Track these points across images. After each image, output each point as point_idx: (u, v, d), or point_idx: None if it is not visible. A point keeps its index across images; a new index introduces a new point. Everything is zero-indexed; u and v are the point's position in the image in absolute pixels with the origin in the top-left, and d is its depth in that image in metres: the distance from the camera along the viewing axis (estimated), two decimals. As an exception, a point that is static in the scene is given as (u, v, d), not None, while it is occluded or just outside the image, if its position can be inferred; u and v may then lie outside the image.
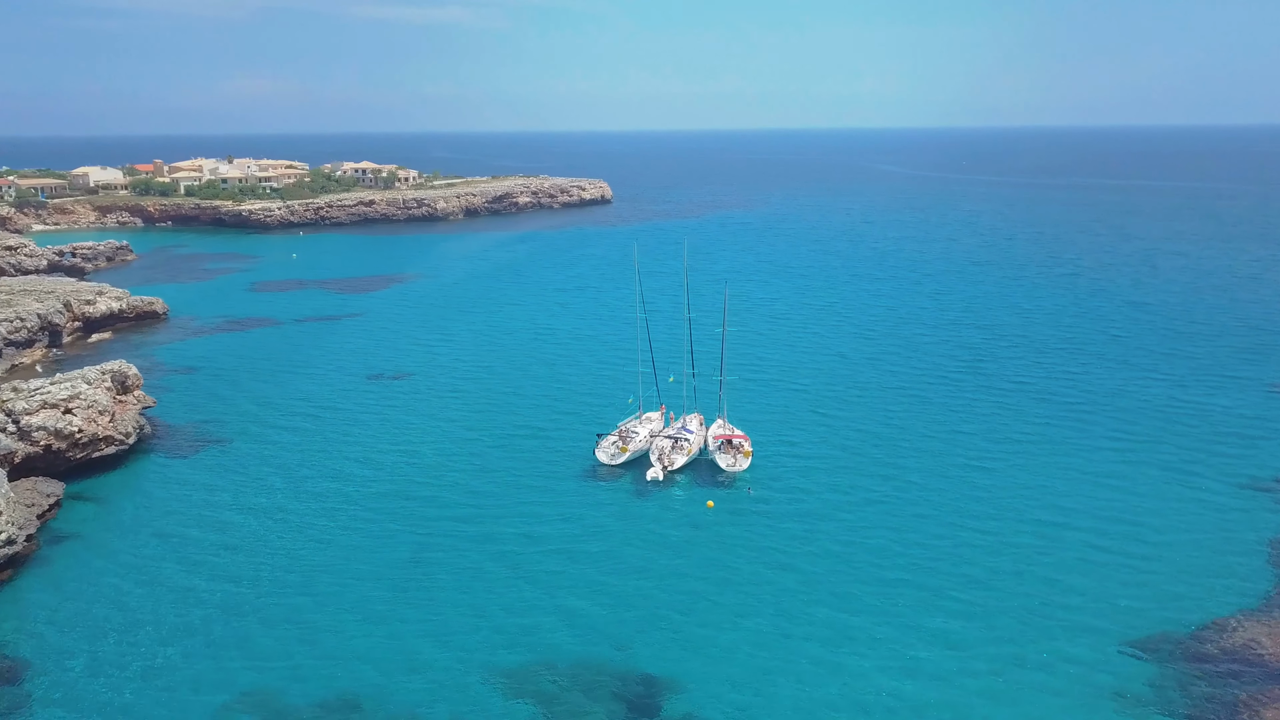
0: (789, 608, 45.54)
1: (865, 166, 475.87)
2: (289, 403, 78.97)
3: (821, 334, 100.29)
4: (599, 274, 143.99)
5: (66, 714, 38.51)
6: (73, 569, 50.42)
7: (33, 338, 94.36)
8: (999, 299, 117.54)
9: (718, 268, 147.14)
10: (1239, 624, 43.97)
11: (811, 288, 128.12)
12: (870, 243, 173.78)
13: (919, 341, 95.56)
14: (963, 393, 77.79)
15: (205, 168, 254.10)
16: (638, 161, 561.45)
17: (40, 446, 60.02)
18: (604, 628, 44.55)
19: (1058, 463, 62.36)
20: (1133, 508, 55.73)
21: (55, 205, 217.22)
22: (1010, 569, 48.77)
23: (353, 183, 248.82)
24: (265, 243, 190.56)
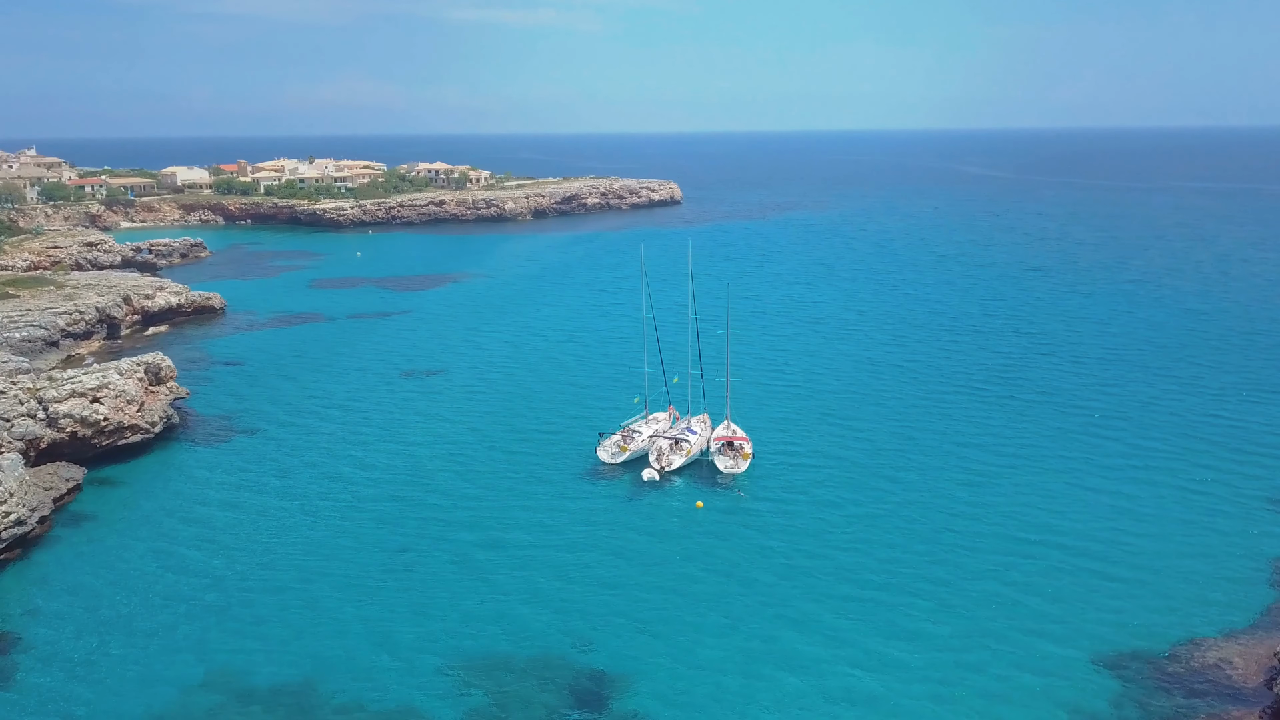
0: (749, 616, 45.26)
1: (946, 168, 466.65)
2: (319, 396, 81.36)
3: (855, 339, 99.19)
4: (648, 275, 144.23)
5: (48, 684, 40.54)
6: (81, 550, 52.96)
7: (90, 330, 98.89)
8: (1050, 306, 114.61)
9: (770, 270, 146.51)
10: (1216, 644, 42.49)
11: (858, 291, 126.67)
12: (932, 246, 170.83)
13: (954, 348, 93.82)
14: (984, 402, 76.20)
15: (286, 168, 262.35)
16: (716, 162, 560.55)
17: (66, 433, 63.09)
18: (567, 625, 45.08)
19: (1066, 478, 60.63)
20: (1134, 525, 53.97)
21: (142, 203, 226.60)
22: (987, 585, 47.70)
23: (425, 183, 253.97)
24: (335, 241, 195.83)
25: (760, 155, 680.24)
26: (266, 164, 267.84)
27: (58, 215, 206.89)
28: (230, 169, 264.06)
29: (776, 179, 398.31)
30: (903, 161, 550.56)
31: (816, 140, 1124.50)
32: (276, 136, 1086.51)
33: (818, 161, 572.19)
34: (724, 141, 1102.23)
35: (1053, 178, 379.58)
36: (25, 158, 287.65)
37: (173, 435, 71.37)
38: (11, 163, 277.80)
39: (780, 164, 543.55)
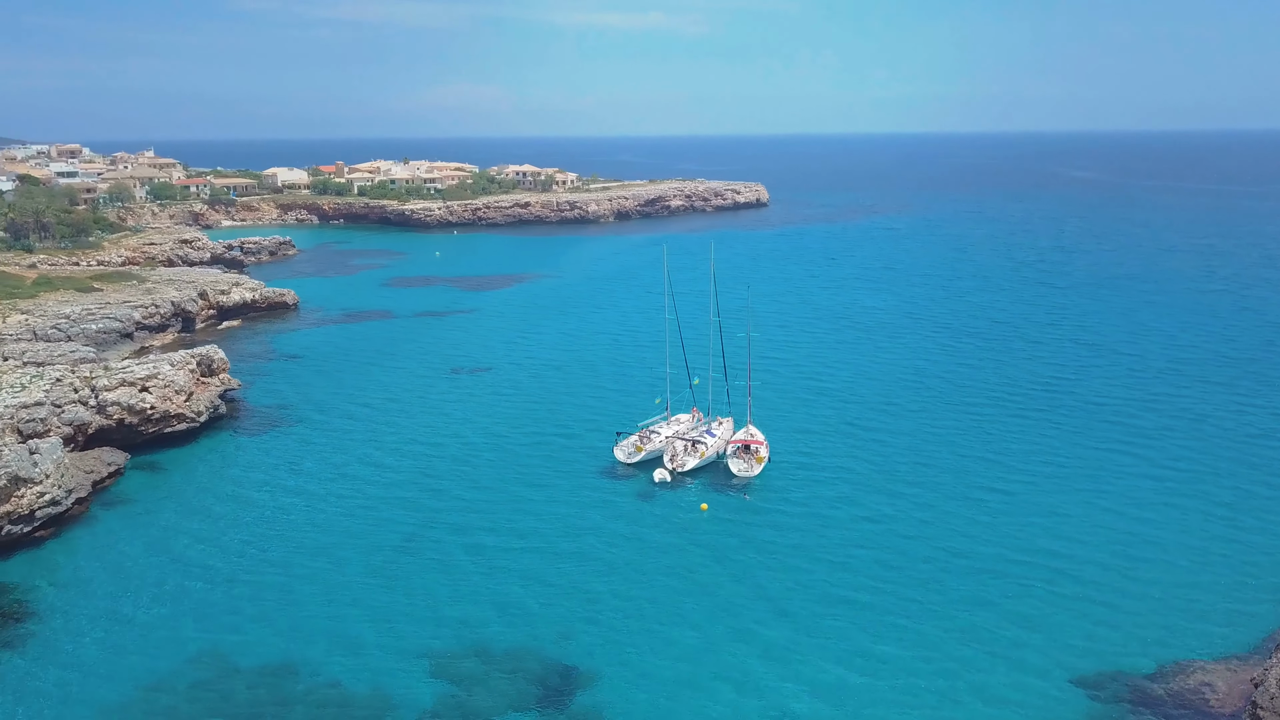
0: (719, 625, 45.14)
1: (1048, 171, 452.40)
2: (364, 391, 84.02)
3: (904, 347, 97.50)
4: (721, 278, 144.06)
5: (57, 651, 43.23)
6: (112, 530, 56.06)
7: (165, 323, 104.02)
8: (1122, 316, 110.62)
9: (836, 274, 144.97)
10: (1202, 668, 40.95)
11: (920, 298, 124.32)
12: (1011, 252, 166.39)
13: (1005, 359, 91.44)
14: (1021, 415, 74.14)
15: (381, 169, 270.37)
16: (813, 164, 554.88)
17: (114, 420, 66.76)
18: (548, 621, 45.90)
19: (1086, 496, 58.57)
20: (1144, 548, 51.92)
21: (243, 203, 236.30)
22: (976, 599, 46.75)
23: (513, 185, 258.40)
24: (419, 240, 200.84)
25: (862, 157, 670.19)
26: (362, 165, 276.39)
27: (164, 213, 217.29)
28: (328, 170, 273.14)
29: (870, 181, 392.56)
30: (1001, 164, 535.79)
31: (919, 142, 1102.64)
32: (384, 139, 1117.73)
33: (918, 163, 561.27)
34: (826, 143, 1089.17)
35: (1159, 182, 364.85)
36: (144, 159, 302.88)
37: (219, 425, 74.69)
38: (128, 163, 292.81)
39: (879, 166, 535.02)
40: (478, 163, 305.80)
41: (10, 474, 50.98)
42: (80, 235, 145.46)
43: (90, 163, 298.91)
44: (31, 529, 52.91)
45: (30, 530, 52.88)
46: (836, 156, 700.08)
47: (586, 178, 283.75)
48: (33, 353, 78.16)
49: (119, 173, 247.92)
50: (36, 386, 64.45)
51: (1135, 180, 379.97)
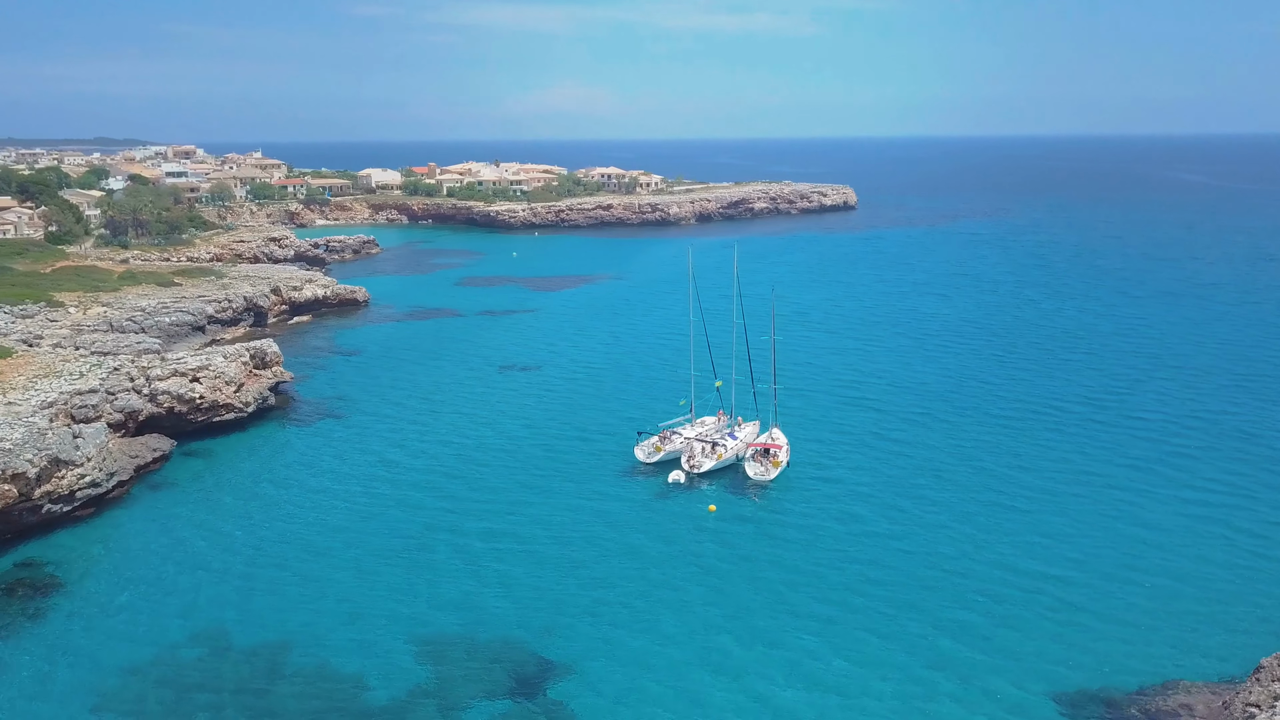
0: (700, 626, 45.47)
1: (1153, 175, 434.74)
2: (410, 386, 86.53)
3: (958, 354, 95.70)
4: (782, 281, 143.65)
5: (74, 624, 46.15)
6: (149, 512, 59.26)
7: (238, 317, 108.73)
8: (1195, 326, 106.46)
9: (907, 279, 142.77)
10: (1186, 689, 39.72)
11: (988, 305, 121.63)
12: (1096, 259, 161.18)
13: (1058, 369, 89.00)
14: (1060, 426, 72.18)
15: (472, 170, 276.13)
16: (911, 167, 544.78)
17: (164, 408, 70.40)
18: (534, 614, 46.93)
19: (1107, 512, 56.90)
20: (1153, 567, 50.33)
21: (336, 202, 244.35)
22: (962, 615, 45.84)
23: (597, 187, 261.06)
24: (501, 241, 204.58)
25: (962, 161, 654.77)
26: (453, 167, 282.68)
27: (261, 212, 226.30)
28: (420, 171, 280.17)
29: (963, 184, 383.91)
30: (1103, 168, 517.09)
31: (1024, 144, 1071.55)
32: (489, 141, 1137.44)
33: (1015, 166, 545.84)
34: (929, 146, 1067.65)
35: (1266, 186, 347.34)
36: (251, 160, 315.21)
37: (268, 415, 77.95)
38: (236, 164, 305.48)
39: (973, 169, 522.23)
40: (573, 165, 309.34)
41: (51, 456, 54.42)
42: (174, 233, 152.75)
43: (201, 163, 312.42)
44: (71, 508, 56.36)
45: (71, 509, 56.34)
46: (937, 159, 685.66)
47: (671, 180, 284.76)
48: (100, 343, 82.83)
49: (224, 173, 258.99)
50: (94, 374, 68.43)
51: (1242, 184, 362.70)
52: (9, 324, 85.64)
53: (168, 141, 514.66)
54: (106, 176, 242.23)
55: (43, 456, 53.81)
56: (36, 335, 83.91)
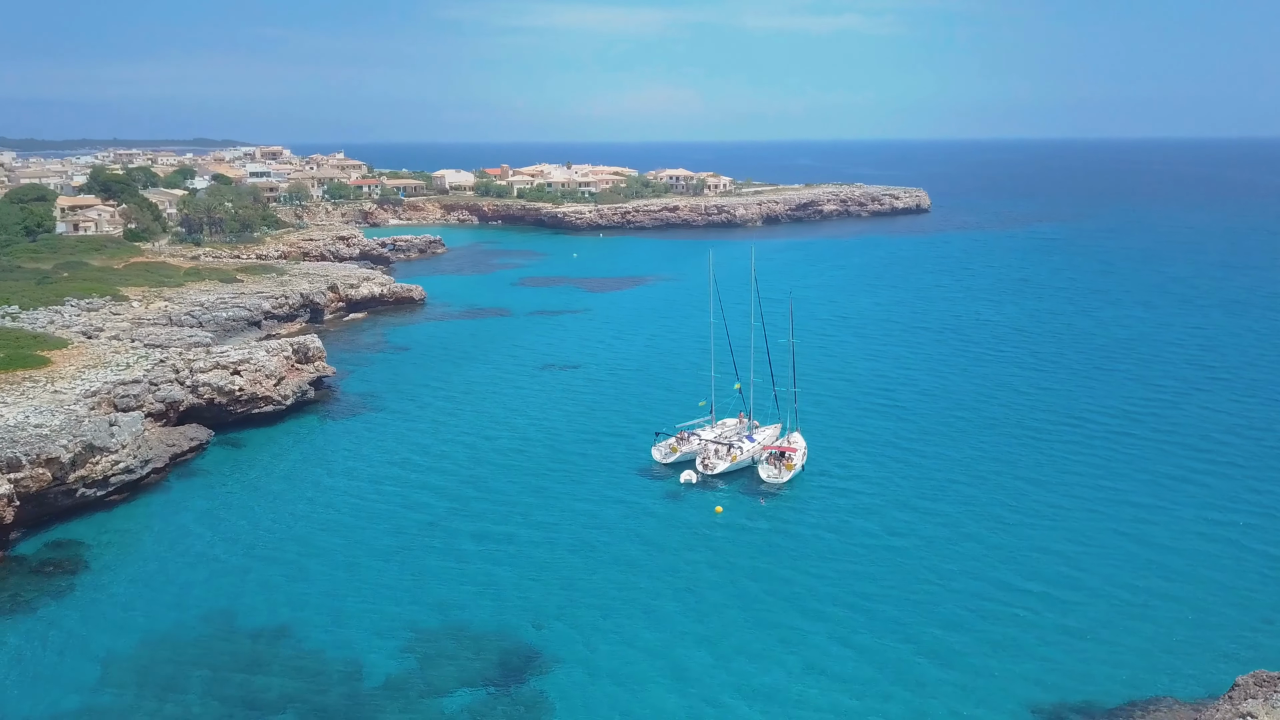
0: (688, 626, 45.87)
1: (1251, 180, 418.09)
2: (449, 383, 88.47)
3: (1002, 360, 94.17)
4: (834, 284, 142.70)
5: (97, 601, 48.65)
6: (180, 498, 61.95)
7: (294, 313, 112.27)
8: (1260, 337, 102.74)
9: (963, 284, 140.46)
10: (1167, 706, 38.86)
11: (1045, 310, 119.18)
12: (1166, 266, 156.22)
13: (1102, 378, 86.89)
14: (1088, 437, 70.55)
15: (544, 171, 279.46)
16: (994, 169, 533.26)
17: (204, 399, 73.34)
18: (528, 608, 47.86)
19: (1116, 526, 55.56)
20: (1159, 581, 49.22)
21: (409, 203, 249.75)
22: (952, 624, 45.38)
23: (665, 189, 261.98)
24: (565, 242, 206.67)
25: (1044, 163, 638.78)
26: (525, 168, 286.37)
27: (336, 212, 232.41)
28: (493, 173, 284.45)
29: (1043, 188, 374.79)
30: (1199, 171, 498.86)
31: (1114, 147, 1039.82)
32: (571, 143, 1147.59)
33: (1102, 170, 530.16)
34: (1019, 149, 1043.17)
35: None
36: (333, 160, 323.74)
37: (308, 408, 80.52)
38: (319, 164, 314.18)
39: (1057, 172, 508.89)
40: (653, 167, 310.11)
41: (85, 442, 57.30)
42: (246, 231, 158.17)
43: (287, 164, 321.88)
44: (105, 493, 59.23)
45: (104, 494, 59.21)
46: (1022, 163, 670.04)
47: (740, 181, 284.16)
48: (154, 335, 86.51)
49: (303, 174, 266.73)
50: (139, 366, 71.73)
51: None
52: (73, 316, 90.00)
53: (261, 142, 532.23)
54: (192, 176, 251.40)
55: (77, 443, 56.68)
56: (98, 328, 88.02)
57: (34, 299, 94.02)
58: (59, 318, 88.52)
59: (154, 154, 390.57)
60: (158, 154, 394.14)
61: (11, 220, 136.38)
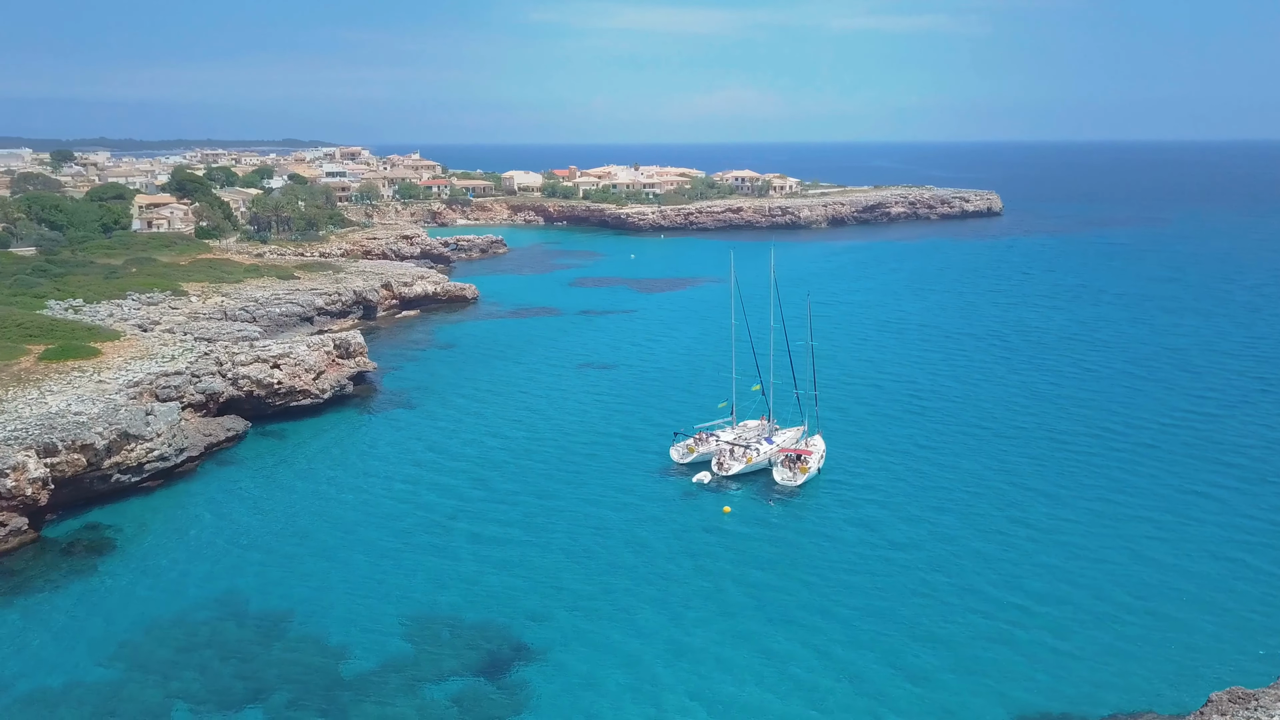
0: (675, 627, 46.31)
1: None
2: (485, 381, 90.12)
3: (1044, 368, 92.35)
4: (887, 288, 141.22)
5: (120, 580, 51.09)
6: (212, 486, 64.44)
7: (347, 310, 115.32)
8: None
9: (1018, 290, 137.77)
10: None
11: (1098, 317, 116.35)
12: (1240, 274, 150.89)
13: (1151, 387, 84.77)
14: (1124, 447, 68.99)
15: (611, 173, 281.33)
16: (1074, 173, 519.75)
17: (244, 391, 76.04)
18: (525, 603, 48.84)
19: (1130, 540, 54.40)
20: (1159, 596, 48.21)
21: (477, 203, 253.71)
22: (937, 633, 44.98)
23: (729, 190, 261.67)
24: (626, 243, 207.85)
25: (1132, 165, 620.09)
26: (593, 170, 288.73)
27: (405, 211, 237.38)
28: (561, 174, 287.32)
29: (1124, 191, 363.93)
30: None
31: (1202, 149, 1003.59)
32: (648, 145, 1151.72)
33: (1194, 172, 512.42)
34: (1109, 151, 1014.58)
35: None
36: (409, 161, 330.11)
37: (346, 402, 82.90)
38: (395, 164, 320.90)
39: (1144, 174, 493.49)
40: (736, 169, 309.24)
41: (120, 430, 60.06)
42: (311, 229, 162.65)
43: (365, 164, 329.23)
44: (140, 479, 61.97)
45: (139, 480, 61.95)
46: (1107, 166, 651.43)
47: (807, 183, 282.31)
48: (205, 329, 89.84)
49: (376, 174, 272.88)
50: (183, 358, 74.70)
51: None
52: (132, 309, 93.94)
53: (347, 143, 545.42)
54: (270, 176, 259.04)
55: (112, 430, 59.44)
56: (154, 321, 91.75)
57: (98, 293, 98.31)
58: (118, 311, 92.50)
59: (238, 154, 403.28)
60: (242, 154, 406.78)
61: (90, 218, 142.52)
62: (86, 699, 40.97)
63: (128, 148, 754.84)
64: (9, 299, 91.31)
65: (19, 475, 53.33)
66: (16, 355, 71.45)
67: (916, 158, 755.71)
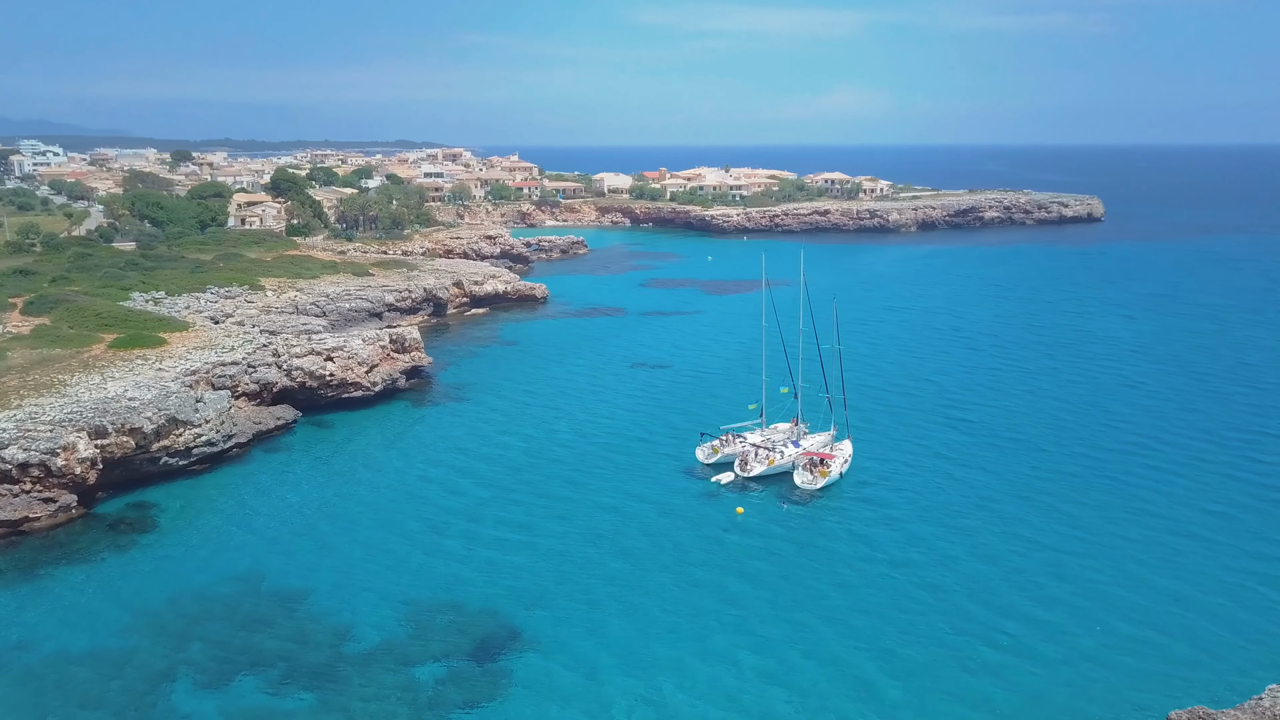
0: (661, 626, 46.99)
1: None
2: (538, 378, 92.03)
3: (1099, 379, 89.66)
4: (959, 294, 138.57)
5: (157, 556, 54.45)
6: (257, 472, 67.75)
7: (417, 306, 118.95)
8: None
9: (1096, 297, 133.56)
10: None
11: (1177, 328, 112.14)
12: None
13: (1204, 401, 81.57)
14: (1159, 463, 66.73)
15: (700, 175, 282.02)
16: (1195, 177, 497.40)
17: (297, 382, 79.55)
18: (527, 592, 50.31)
19: (1152, 559, 52.93)
20: (1156, 621, 46.92)
21: (566, 204, 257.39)
22: (924, 642, 44.71)
23: (818, 192, 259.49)
24: (707, 245, 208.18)
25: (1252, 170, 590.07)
26: (682, 171, 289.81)
27: (495, 212, 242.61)
28: (651, 176, 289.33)
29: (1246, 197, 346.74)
30: None
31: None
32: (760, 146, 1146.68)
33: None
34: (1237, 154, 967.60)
35: None
36: (507, 162, 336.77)
37: (398, 395, 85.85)
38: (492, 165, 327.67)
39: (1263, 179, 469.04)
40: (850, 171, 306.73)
41: (169, 415, 63.78)
42: (396, 228, 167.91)
43: (465, 165, 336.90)
44: (188, 462, 65.64)
45: (187, 463, 65.62)
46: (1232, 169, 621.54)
47: (900, 185, 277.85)
48: (272, 322, 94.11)
49: (470, 174, 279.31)
50: (242, 349, 78.60)
51: None
52: (209, 302, 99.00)
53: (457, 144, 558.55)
54: (369, 176, 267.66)
55: (161, 415, 63.17)
56: (226, 314, 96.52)
57: (181, 286, 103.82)
58: (195, 303, 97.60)
59: (345, 154, 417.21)
60: (348, 155, 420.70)
61: (188, 215, 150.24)
62: (102, 660, 44.02)
63: (251, 148, 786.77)
64: (97, 290, 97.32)
65: (69, 455, 57.23)
66: (89, 343, 76.36)
67: (1029, 161, 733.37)
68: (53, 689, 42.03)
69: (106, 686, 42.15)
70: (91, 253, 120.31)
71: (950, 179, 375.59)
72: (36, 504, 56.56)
